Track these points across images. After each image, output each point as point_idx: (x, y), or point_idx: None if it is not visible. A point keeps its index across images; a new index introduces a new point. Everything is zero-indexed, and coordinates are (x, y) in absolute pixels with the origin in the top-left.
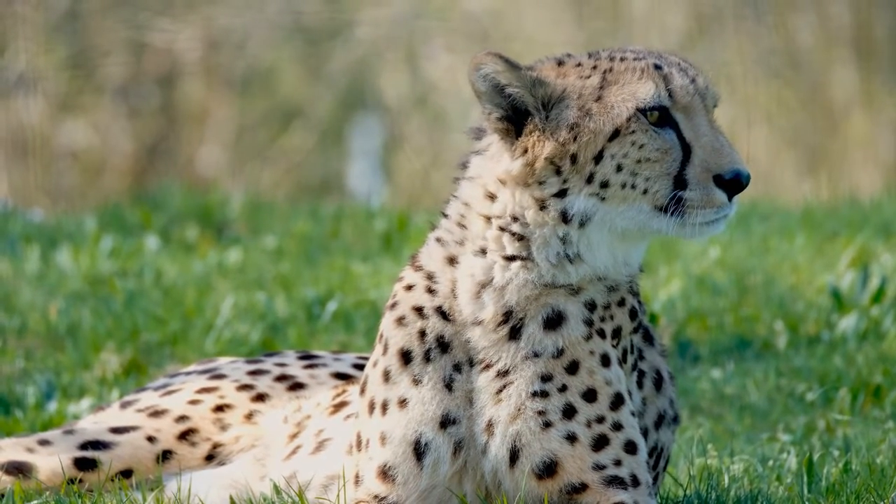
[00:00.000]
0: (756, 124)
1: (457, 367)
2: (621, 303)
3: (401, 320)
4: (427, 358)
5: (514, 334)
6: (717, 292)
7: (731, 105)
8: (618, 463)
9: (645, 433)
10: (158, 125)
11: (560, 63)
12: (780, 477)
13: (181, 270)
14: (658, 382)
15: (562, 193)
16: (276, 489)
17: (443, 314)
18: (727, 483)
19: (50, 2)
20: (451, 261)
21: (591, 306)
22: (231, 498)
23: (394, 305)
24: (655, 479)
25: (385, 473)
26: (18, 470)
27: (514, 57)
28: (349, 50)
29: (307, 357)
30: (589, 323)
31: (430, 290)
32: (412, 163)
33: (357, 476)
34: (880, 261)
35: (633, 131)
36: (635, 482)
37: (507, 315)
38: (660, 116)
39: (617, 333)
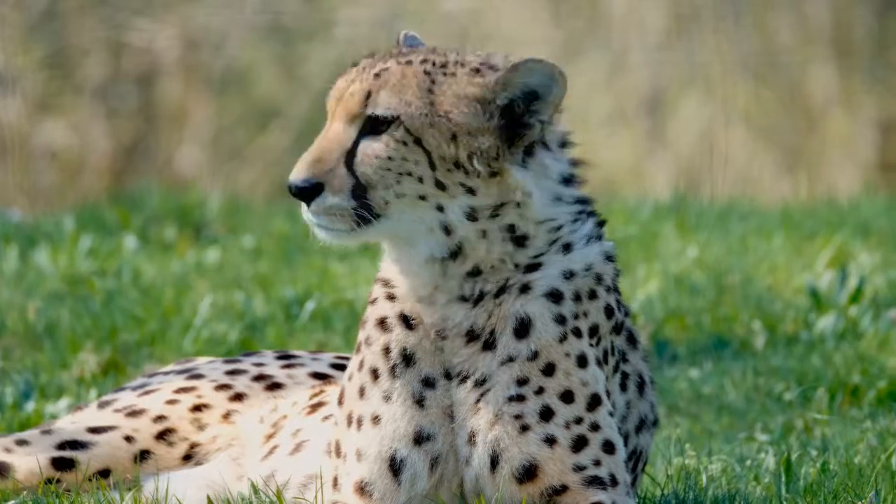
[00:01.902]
0: (734, 124)
1: (427, 382)
2: (592, 295)
3: (367, 339)
4: (393, 374)
5: (489, 346)
6: (695, 292)
7: (710, 105)
8: (597, 463)
9: (626, 438)
10: (137, 125)
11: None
12: (757, 477)
13: (159, 270)
14: (640, 386)
15: None
16: (255, 488)
17: (405, 319)
18: (705, 483)
19: (28, 1)
20: None
21: (556, 297)
22: (208, 498)
23: (364, 323)
24: (634, 481)
25: (362, 489)
26: None
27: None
28: (327, 50)
29: (285, 357)
30: (561, 321)
31: (391, 297)
32: None
33: (335, 480)
34: (858, 261)
35: None
36: (614, 482)
37: (471, 334)
38: None
39: (594, 332)
